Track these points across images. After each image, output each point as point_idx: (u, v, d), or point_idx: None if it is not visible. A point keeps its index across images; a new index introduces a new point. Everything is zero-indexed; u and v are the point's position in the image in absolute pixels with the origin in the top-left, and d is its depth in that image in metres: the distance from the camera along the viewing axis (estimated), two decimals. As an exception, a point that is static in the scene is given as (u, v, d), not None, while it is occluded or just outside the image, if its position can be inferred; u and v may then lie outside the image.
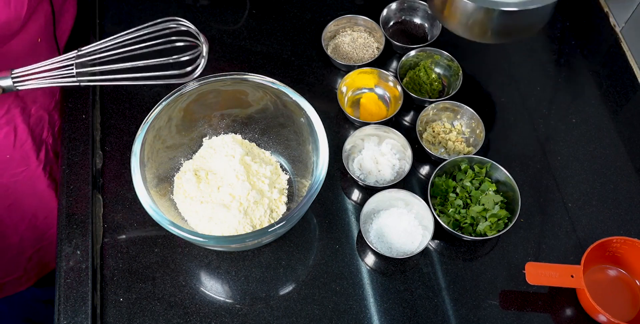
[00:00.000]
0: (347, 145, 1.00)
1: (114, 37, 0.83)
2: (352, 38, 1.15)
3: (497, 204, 0.95)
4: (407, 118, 1.08)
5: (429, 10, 1.14)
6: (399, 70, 1.08)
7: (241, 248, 0.92)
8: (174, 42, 0.84)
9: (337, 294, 0.92)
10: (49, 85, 0.80)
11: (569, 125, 1.08)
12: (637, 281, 0.93)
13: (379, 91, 1.09)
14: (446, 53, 1.08)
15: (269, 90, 0.92)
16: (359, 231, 0.95)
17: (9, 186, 1.03)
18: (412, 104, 1.08)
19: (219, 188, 0.92)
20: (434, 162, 1.02)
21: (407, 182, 1.02)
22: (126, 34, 0.83)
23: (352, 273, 0.93)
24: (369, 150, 1.02)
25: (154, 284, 0.91)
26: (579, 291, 0.91)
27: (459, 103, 1.04)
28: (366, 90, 1.09)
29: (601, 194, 1.01)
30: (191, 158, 0.98)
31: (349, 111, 1.06)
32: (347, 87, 1.07)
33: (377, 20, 1.13)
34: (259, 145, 1.01)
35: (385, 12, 1.14)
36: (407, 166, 0.99)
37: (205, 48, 0.83)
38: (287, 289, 0.92)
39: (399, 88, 1.05)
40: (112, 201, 0.98)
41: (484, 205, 0.95)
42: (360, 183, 0.99)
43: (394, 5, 1.15)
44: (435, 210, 0.95)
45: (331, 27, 1.13)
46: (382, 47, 1.11)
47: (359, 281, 0.93)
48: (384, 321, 0.90)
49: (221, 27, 1.17)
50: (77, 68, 0.80)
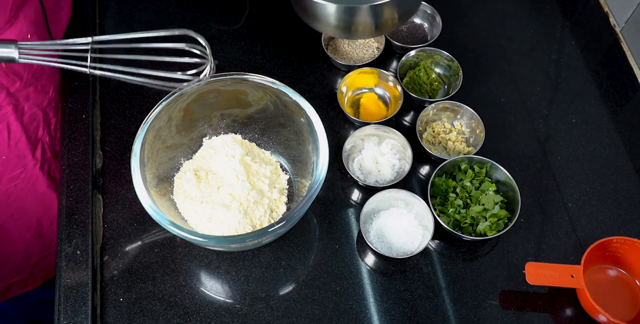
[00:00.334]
0: (347, 145, 1.00)
1: (128, 34, 0.81)
2: (352, 38, 1.15)
3: (497, 204, 0.95)
4: (407, 118, 1.08)
5: (428, 10, 1.14)
6: (399, 70, 1.08)
7: (241, 248, 0.92)
8: (185, 54, 0.84)
9: (337, 294, 0.92)
10: (56, 65, 0.76)
11: (569, 125, 1.08)
12: (637, 281, 0.93)
13: (379, 91, 1.09)
14: (446, 53, 1.08)
15: (269, 90, 0.92)
16: (359, 231, 0.95)
17: (10, 192, 1.02)
18: (412, 104, 1.08)
19: (219, 188, 0.92)
20: (434, 162, 1.02)
21: (407, 182, 1.02)
22: (140, 33, 0.81)
23: (352, 273, 0.93)
24: (369, 150, 1.02)
25: (154, 284, 0.91)
26: (579, 291, 0.91)
27: (459, 103, 1.04)
28: (366, 90, 1.09)
29: (601, 194, 1.01)
30: (191, 158, 0.98)
31: (349, 111, 1.06)
32: (347, 87, 1.07)
33: None
34: (259, 145, 1.01)
35: (385, 12, 1.14)
36: (407, 166, 0.99)
37: (210, 66, 0.83)
38: (287, 289, 0.92)
39: (399, 88, 1.05)
40: (112, 201, 0.98)
41: (484, 205, 0.95)
42: (360, 183, 0.99)
43: (394, 5, 1.15)
44: (435, 210, 0.95)
45: (331, 27, 1.13)
46: (382, 47, 1.11)
47: (359, 281, 0.93)
48: (384, 321, 0.90)
49: (221, 27, 1.17)
50: (91, 54, 0.76)
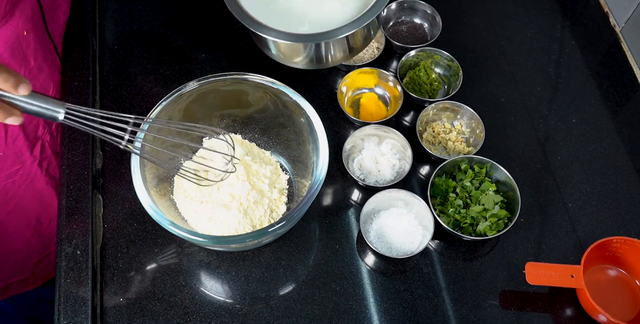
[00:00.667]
0: (347, 145, 1.00)
1: (170, 124, 0.86)
2: (352, 38, 1.15)
3: (497, 204, 0.95)
4: (407, 118, 1.08)
5: (428, 10, 1.14)
6: (399, 70, 1.08)
7: (241, 248, 0.92)
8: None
9: (337, 294, 0.92)
10: (95, 133, 0.77)
11: (569, 125, 1.08)
12: (637, 281, 0.93)
13: (379, 91, 1.09)
14: (446, 53, 1.08)
15: (269, 90, 0.92)
16: (359, 231, 0.95)
17: (7, 188, 1.02)
18: (412, 104, 1.08)
19: (219, 188, 0.92)
20: (434, 162, 1.02)
21: (407, 182, 1.02)
22: (181, 123, 0.86)
23: (352, 273, 0.93)
24: (369, 150, 1.02)
25: (154, 284, 0.91)
26: (579, 291, 0.91)
27: (459, 103, 1.04)
28: (366, 90, 1.09)
29: (601, 194, 1.01)
30: (191, 158, 0.98)
31: (349, 111, 1.06)
32: (347, 87, 1.07)
33: (377, 20, 1.12)
34: (259, 145, 1.01)
35: (385, 12, 1.14)
36: (407, 166, 0.99)
37: (232, 163, 0.88)
38: (287, 289, 0.92)
39: (399, 88, 1.05)
40: (112, 201, 0.98)
41: (484, 205, 0.95)
42: (360, 183, 0.99)
43: (393, 5, 1.15)
44: (435, 210, 0.95)
45: (331, 27, 1.13)
46: (382, 47, 1.11)
47: (359, 281, 0.93)
48: (384, 321, 0.90)
49: (221, 27, 1.17)
50: (130, 134, 0.78)
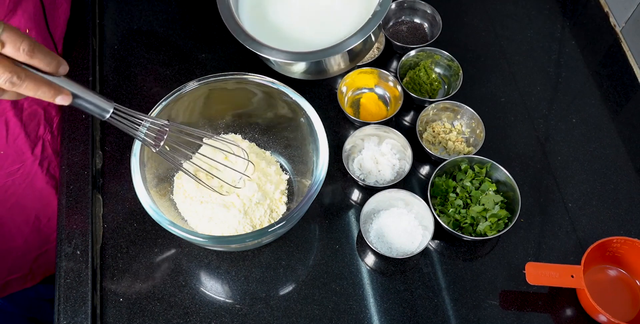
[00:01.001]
0: (347, 145, 1.00)
1: (205, 136, 0.87)
2: (352, 38, 1.15)
3: (497, 204, 0.95)
4: (407, 118, 1.08)
5: (428, 10, 1.14)
6: (399, 70, 1.08)
7: (241, 248, 0.92)
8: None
9: (337, 294, 0.92)
10: (132, 134, 0.80)
11: (569, 125, 1.08)
12: (637, 281, 0.93)
13: (379, 90, 1.09)
14: (446, 53, 1.08)
15: (269, 90, 0.92)
16: (359, 231, 0.95)
17: (7, 186, 1.02)
18: (412, 104, 1.08)
19: (221, 187, 0.92)
20: (434, 162, 1.02)
21: (407, 182, 1.02)
22: (200, 132, 0.87)
23: (352, 273, 0.93)
24: (369, 150, 1.02)
25: (154, 284, 0.91)
26: (579, 291, 0.91)
27: (459, 103, 1.04)
28: (366, 90, 1.09)
29: (601, 194, 1.01)
30: (191, 158, 0.98)
31: (349, 111, 1.06)
32: (347, 87, 1.07)
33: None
34: (258, 145, 1.01)
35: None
36: (407, 166, 0.99)
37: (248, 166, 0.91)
38: (287, 289, 0.92)
39: (399, 88, 1.05)
40: (112, 201, 0.98)
41: (484, 205, 0.95)
42: (360, 183, 0.99)
43: (393, 5, 1.14)
44: (435, 210, 0.95)
45: (331, 27, 1.13)
46: (382, 47, 1.11)
47: (359, 281, 0.93)
48: (384, 321, 0.90)
49: (221, 27, 1.17)
50: (162, 137, 0.81)
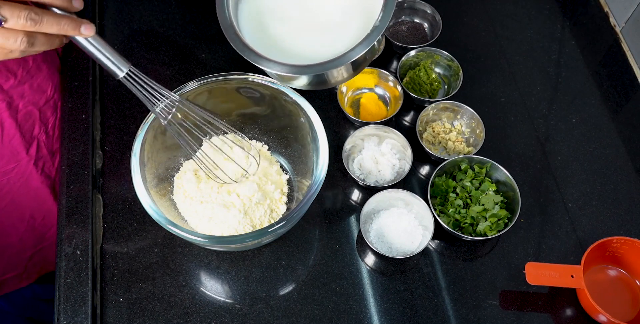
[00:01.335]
0: (347, 145, 1.00)
1: (214, 118, 0.86)
2: (352, 38, 1.15)
3: (497, 204, 0.95)
4: (407, 118, 1.08)
5: (428, 10, 1.14)
6: (399, 70, 1.08)
7: (241, 248, 0.92)
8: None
9: (337, 294, 0.92)
10: (143, 100, 0.81)
11: (569, 125, 1.08)
12: (637, 281, 0.93)
13: (379, 90, 1.09)
14: (446, 53, 1.08)
15: (269, 90, 0.92)
16: (359, 231, 0.95)
17: (2, 184, 1.02)
18: (412, 104, 1.08)
19: (220, 186, 0.92)
20: (434, 162, 1.02)
21: (407, 182, 1.02)
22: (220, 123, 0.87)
23: (352, 273, 0.93)
24: (369, 150, 1.02)
25: (154, 284, 0.91)
26: (579, 291, 0.91)
27: (459, 103, 1.04)
28: (366, 90, 1.09)
29: (601, 194, 1.01)
30: (191, 158, 0.98)
31: (349, 111, 1.06)
32: (347, 87, 1.07)
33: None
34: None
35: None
36: (407, 166, 0.99)
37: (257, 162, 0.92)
38: (287, 289, 0.92)
39: (399, 88, 1.05)
40: (112, 201, 0.98)
41: (484, 205, 0.95)
42: (360, 183, 0.99)
43: (394, 5, 1.15)
44: (435, 210, 0.95)
45: (331, 27, 1.13)
46: (382, 47, 1.11)
47: (359, 281, 0.93)
48: (384, 321, 0.90)
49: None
50: (169, 110, 0.81)
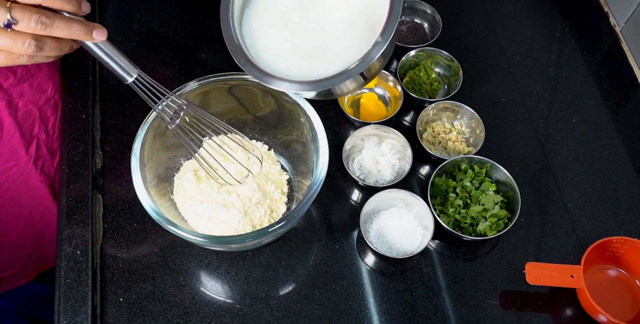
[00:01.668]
0: (347, 145, 1.00)
1: (218, 122, 0.86)
2: (352, 38, 1.15)
3: (497, 204, 0.95)
4: (407, 118, 1.08)
5: (428, 10, 1.14)
6: (399, 70, 1.08)
7: (241, 248, 0.92)
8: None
9: (337, 294, 0.92)
10: (150, 104, 0.81)
11: (569, 125, 1.08)
12: (637, 281, 0.93)
13: (379, 91, 1.09)
14: (446, 53, 1.08)
15: (269, 90, 0.92)
16: (359, 231, 0.95)
17: (1, 182, 1.02)
18: (412, 104, 1.08)
19: (220, 186, 0.92)
20: (434, 162, 1.02)
21: (407, 182, 1.02)
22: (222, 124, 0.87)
23: (352, 273, 0.93)
24: (369, 150, 1.02)
25: (154, 284, 0.91)
26: (579, 291, 0.91)
27: (459, 103, 1.04)
28: (366, 90, 1.09)
29: (601, 194, 1.01)
30: (191, 158, 0.98)
31: (349, 111, 1.06)
32: (347, 87, 1.07)
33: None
34: (259, 145, 1.01)
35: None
36: (407, 166, 0.99)
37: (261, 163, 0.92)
38: (287, 289, 0.92)
39: (399, 88, 1.05)
40: (112, 201, 0.98)
41: (484, 205, 0.95)
42: (360, 183, 0.99)
43: (394, 5, 1.15)
44: (435, 210, 0.95)
45: (331, 27, 1.13)
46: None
47: (359, 281, 0.93)
48: (384, 321, 0.90)
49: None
50: (177, 114, 0.81)
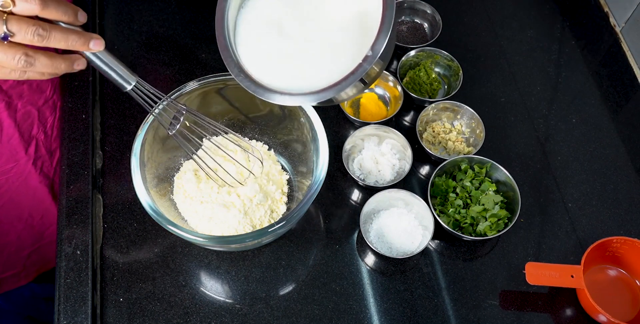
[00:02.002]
0: (347, 145, 1.00)
1: (218, 126, 0.87)
2: (352, 38, 1.15)
3: (497, 204, 0.95)
4: (407, 118, 1.08)
5: (428, 10, 1.14)
6: (399, 70, 1.08)
7: (241, 248, 0.92)
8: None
9: (337, 294, 0.92)
10: (149, 110, 0.82)
11: (569, 125, 1.08)
12: (637, 281, 0.93)
13: (379, 91, 1.09)
14: (446, 53, 1.08)
15: (269, 90, 0.92)
16: (359, 231, 0.95)
17: (1, 184, 1.03)
18: (412, 104, 1.08)
19: (220, 187, 0.92)
20: (434, 162, 1.02)
21: (407, 182, 1.02)
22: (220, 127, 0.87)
23: (352, 273, 0.93)
24: (369, 150, 1.02)
25: (154, 284, 0.91)
26: (579, 291, 0.91)
27: (459, 103, 1.04)
28: (366, 90, 1.09)
29: (601, 194, 1.01)
30: (191, 158, 0.98)
31: (349, 111, 1.06)
32: (347, 87, 1.07)
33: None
34: (259, 145, 1.01)
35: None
36: (407, 166, 0.99)
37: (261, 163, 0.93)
38: (287, 289, 0.92)
39: (399, 88, 1.05)
40: (112, 201, 0.98)
41: (484, 205, 0.95)
42: (360, 183, 0.99)
43: (394, 5, 1.15)
44: (435, 210, 0.95)
45: (331, 27, 1.13)
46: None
47: (359, 281, 0.93)
48: (384, 321, 0.90)
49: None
50: (176, 119, 0.82)
